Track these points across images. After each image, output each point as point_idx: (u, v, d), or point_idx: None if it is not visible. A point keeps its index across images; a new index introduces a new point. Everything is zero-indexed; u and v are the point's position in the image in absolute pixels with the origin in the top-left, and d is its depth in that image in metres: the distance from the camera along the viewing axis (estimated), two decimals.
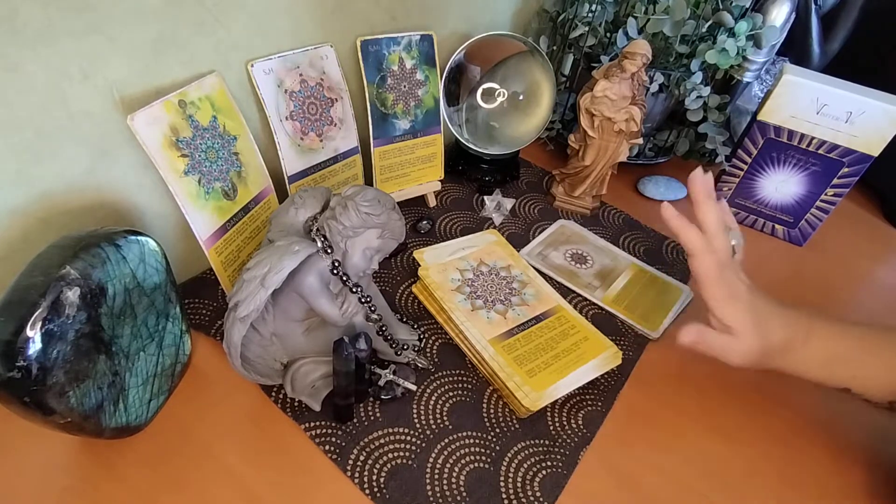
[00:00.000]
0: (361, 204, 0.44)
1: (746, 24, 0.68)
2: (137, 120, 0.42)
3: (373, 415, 0.47)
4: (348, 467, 0.43)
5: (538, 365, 0.49)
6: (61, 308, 0.34)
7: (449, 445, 0.45)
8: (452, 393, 0.49)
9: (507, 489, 0.43)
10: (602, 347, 0.52)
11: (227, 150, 0.51)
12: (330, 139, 0.60)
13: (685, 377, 0.54)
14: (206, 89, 0.48)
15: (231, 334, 0.41)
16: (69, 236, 0.38)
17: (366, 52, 0.60)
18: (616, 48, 0.72)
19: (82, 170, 0.45)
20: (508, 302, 0.55)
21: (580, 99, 0.67)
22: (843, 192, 0.69)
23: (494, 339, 0.51)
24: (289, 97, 0.55)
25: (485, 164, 0.75)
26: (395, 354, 0.50)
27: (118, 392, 0.40)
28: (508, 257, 0.61)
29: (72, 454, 0.42)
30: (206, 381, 0.48)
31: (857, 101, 0.63)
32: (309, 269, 0.44)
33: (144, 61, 0.45)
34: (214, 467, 0.42)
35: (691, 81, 0.72)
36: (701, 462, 0.47)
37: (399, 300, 0.58)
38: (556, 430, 0.47)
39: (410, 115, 0.66)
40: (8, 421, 0.37)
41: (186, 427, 0.45)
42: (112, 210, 0.49)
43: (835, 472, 0.47)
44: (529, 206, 0.74)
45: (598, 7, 0.73)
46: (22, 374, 0.33)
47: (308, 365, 0.48)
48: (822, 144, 0.67)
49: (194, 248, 0.48)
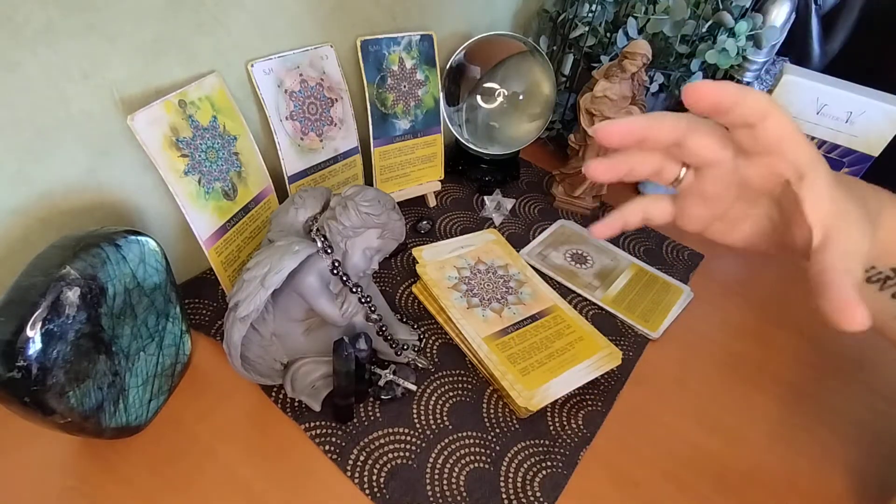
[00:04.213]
0: (361, 204, 0.44)
1: (746, 24, 0.68)
2: (137, 120, 0.42)
3: (373, 415, 0.47)
4: (348, 467, 0.43)
5: (531, 364, 0.49)
6: (61, 308, 0.34)
7: (449, 445, 0.45)
8: (452, 393, 0.49)
9: (507, 489, 0.43)
10: (597, 348, 0.52)
11: (228, 150, 0.51)
12: (330, 139, 0.60)
13: (685, 377, 0.54)
14: (207, 89, 0.48)
15: (231, 334, 0.41)
16: (69, 236, 0.38)
17: (366, 52, 0.60)
18: (616, 48, 0.72)
19: (82, 170, 0.45)
20: (504, 301, 0.56)
21: (580, 99, 0.67)
22: None
23: (489, 336, 0.51)
24: (289, 97, 0.55)
25: (485, 164, 0.75)
26: (395, 354, 0.50)
27: (118, 392, 0.40)
28: (507, 256, 0.61)
29: (72, 454, 0.42)
30: (206, 381, 0.48)
31: (857, 101, 0.63)
32: (309, 269, 0.44)
33: (144, 61, 0.45)
34: (214, 467, 0.42)
35: (691, 81, 0.71)
36: (701, 462, 0.47)
37: (399, 300, 0.58)
38: (556, 430, 0.47)
39: (410, 115, 0.66)
40: (8, 421, 0.37)
41: (186, 427, 0.45)
42: (112, 210, 0.49)
43: (835, 473, 0.47)
44: (529, 206, 0.74)
45: (598, 7, 0.73)
46: (22, 374, 0.33)
47: (308, 365, 0.48)
48: (823, 144, 0.67)
49: (194, 248, 0.48)
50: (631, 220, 0.37)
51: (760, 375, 0.55)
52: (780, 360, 0.56)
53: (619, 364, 0.51)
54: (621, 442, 0.48)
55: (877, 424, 0.51)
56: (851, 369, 0.56)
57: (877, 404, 0.53)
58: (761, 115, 0.29)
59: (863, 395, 0.54)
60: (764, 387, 0.54)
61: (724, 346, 0.58)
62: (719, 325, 0.60)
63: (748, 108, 0.29)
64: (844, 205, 0.30)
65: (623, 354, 0.52)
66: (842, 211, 0.30)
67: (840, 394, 0.54)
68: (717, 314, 0.61)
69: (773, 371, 0.55)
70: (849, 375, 0.56)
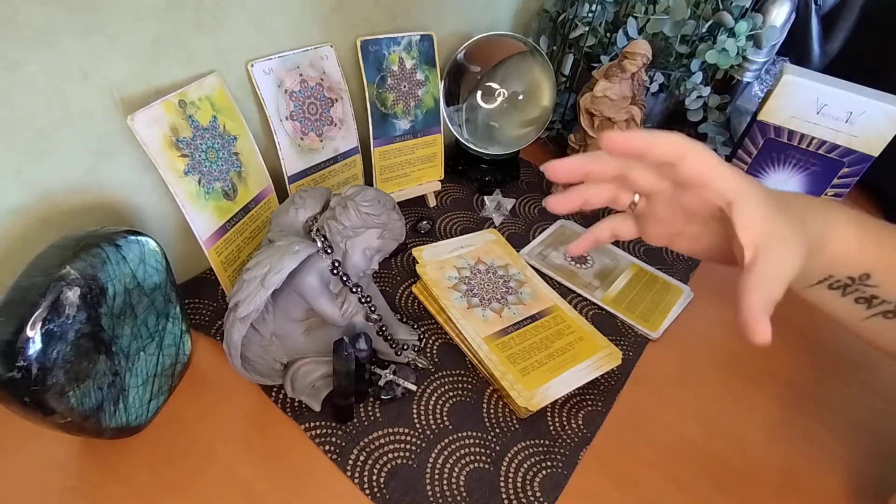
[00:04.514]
0: (361, 204, 0.44)
1: (746, 24, 0.68)
2: (137, 120, 0.42)
3: (373, 415, 0.47)
4: (348, 467, 0.43)
5: (531, 364, 0.49)
6: (61, 308, 0.34)
7: (449, 445, 0.45)
8: (452, 393, 0.49)
9: (507, 489, 0.43)
10: (597, 348, 0.52)
11: (227, 150, 0.51)
12: (330, 139, 0.60)
13: (685, 377, 0.54)
14: (207, 89, 0.48)
15: (231, 334, 0.41)
16: (69, 236, 0.38)
17: (366, 52, 0.60)
18: (616, 48, 0.72)
19: (82, 170, 0.45)
20: (504, 301, 0.56)
21: (580, 99, 0.67)
22: (843, 193, 0.69)
23: (489, 336, 0.51)
24: (289, 97, 0.55)
25: (485, 164, 0.75)
26: (395, 354, 0.50)
27: (118, 392, 0.40)
28: (506, 256, 0.61)
29: (72, 454, 0.42)
30: (206, 381, 0.48)
31: (857, 101, 0.63)
32: (309, 269, 0.44)
33: (144, 61, 0.45)
34: (214, 467, 0.42)
35: (691, 81, 0.72)
36: (701, 462, 0.47)
37: (399, 300, 0.58)
38: (556, 430, 0.47)
39: (410, 115, 0.66)
40: (8, 421, 0.37)
41: (186, 427, 0.45)
42: (112, 210, 0.49)
43: (835, 472, 0.47)
44: (529, 206, 0.74)
45: (598, 7, 0.73)
46: (22, 374, 0.33)
47: (308, 365, 0.48)
48: (823, 144, 0.67)
49: (194, 248, 0.48)
50: (601, 236, 0.42)
51: (760, 375, 0.55)
52: (780, 360, 0.56)
53: (619, 364, 0.51)
54: (621, 442, 0.48)
55: (876, 424, 0.51)
56: (851, 369, 0.56)
57: (876, 404, 0.53)
58: (678, 156, 0.33)
59: (862, 394, 0.54)
60: (764, 387, 0.54)
61: (724, 346, 0.58)
62: (719, 325, 0.60)
63: (660, 152, 0.33)
64: (777, 226, 0.33)
65: (623, 354, 0.52)
66: (774, 232, 0.32)
67: (840, 393, 0.54)
68: (717, 314, 0.61)
69: (773, 371, 0.55)
70: (848, 375, 0.56)
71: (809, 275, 0.38)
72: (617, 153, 0.34)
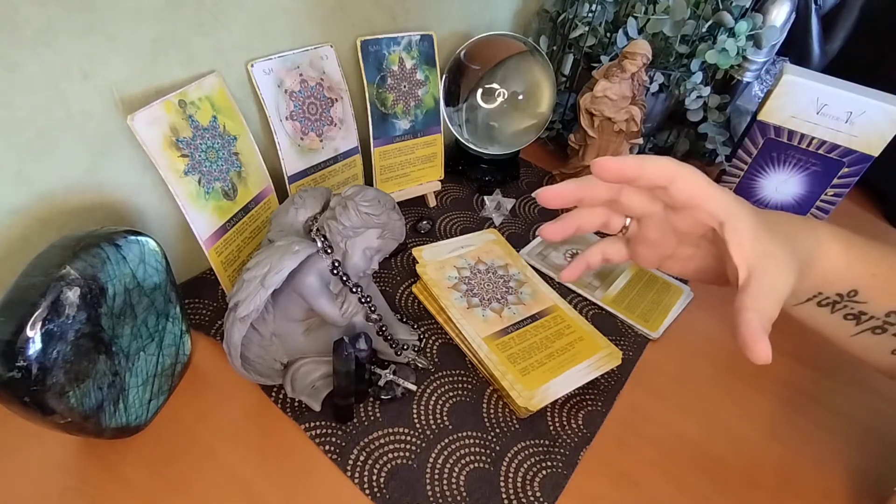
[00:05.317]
0: (361, 204, 0.44)
1: (746, 24, 0.68)
2: (137, 120, 0.42)
3: (373, 415, 0.47)
4: (348, 467, 0.43)
5: (531, 364, 0.49)
6: (61, 308, 0.34)
7: (449, 445, 0.45)
8: (452, 393, 0.49)
9: (507, 489, 0.43)
10: (597, 348, 0.52)
11: (227, 150, 0.51)
12: (330, 139, 0.60)
13: (685, 377, 0.54)
14: (206, 89, 0.48)
15: (231, 334, 0.41)
16: (69, 236, 0.38)
17: (366, 52, 0.60)
18: (616, 48, 0.72)
19: (82, 170, 0.45)
20: (504, 301, 0.56)
21: (580, 99, 0.67)
22: (843, 193, 0.69)
23: (489, 336, 0.51)
24: (289, 97, 0.55)
25: (485, 164, 0.75)
26: (395, 354, 0.50)
27: (118, 392, 0.40)
28: (507, 256, 0.61)
29: (72, 454, 0.42)
30: (206, 381, 0.48)
31: (857, 101, 0.63)
32: (309, 269, 0.44)
33: (144, 61, 0.45)
34: (214, 467, 0.42)
35: (691, 81, 0.72)
36: (701, 462, 0.47)
37: (399, 300, 0.58)
38: (556, 430, 0.47)
39: (410, 115, 0.66)
40: (8, 421, 0.37)
41: (186, 427, 0.45)
42: (112, 210, 0.49)
43: (835, 472, 0.47)
44: (529, 206, 0.74)
45: (598, 7, 0.73)
46: (22, 374, 0.33)
47: (308, 365, 0.48)
48: (822, 144, 0.67)
49: (194, 248, 0.48)
50: (592, 261, 0.43)
51: (760, 375, 0.55)
52: (780, 360, 0.56)
53: (619, 364, 0.51)
54: (621, 442, 0.48)
55: (875, 424, 0.51)
56: (851, 369, 0.56)
57: (875, 403, 0.53)
58: (668, 179, 0.33)
59: (862, 394, 0.54)
60: (764, 387, 0.54)
61: (724, 346, 0.58)
62: (719, 325, 0.60)
63: (651, 176, 0.33)
64: (768, 245, 0.33)
65: (623, 354, 0.52)
66: (765, 251, 0.33)
67: (839, 393, 0.54)
68: (717, 314, 0.61)
69: (773, 371, 0.55)
70: (848, 375, 0.56)
71: (799, 293, 0.39)
72: (609, 179, 0.34)
